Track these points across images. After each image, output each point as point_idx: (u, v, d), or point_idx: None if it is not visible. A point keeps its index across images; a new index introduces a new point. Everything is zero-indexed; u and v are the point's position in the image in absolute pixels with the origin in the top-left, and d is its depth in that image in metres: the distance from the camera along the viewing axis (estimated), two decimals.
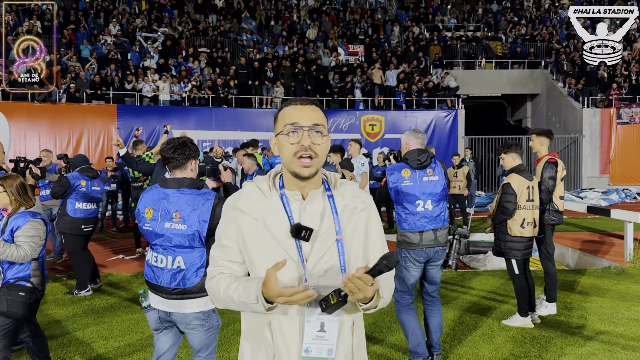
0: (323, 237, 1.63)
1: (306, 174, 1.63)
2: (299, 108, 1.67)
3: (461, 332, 5.13)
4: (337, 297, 1.51)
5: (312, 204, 1.67)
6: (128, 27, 21.36)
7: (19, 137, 16.55)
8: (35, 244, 3.65)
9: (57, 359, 4.51)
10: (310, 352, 1.59)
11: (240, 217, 1.69)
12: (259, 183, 1.73)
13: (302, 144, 1.61)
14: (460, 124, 19.95)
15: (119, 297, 6.49)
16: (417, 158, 4.15)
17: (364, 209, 1.73)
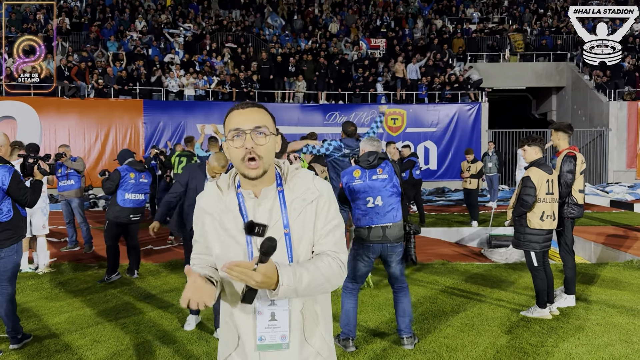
0: (273, 231, 1.69)
1: (253, 175, 1.71)
2: (240, 112, 1.74)
3: (480, 323, 5.23)
4: (245, 287, 1.59)
5: (265, 201, 1.76)
6: (153, 23, 21.73)
7: (49, 132, 17.04)
8: None
9: (94, 343, 4.77)
10: (264, 340, 1.72)
11: (202, 215, 1.83)
12: (220, 182, 1.84)
13: (245, 146, 1.69)
14: (484, 117, 19.83)
15: (149, 286, 6.76)
16: (366, 159, 4.59)
17: (313, 200, 1.78)
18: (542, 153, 5.34)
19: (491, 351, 4.51)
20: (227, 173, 1.87)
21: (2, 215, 4.39)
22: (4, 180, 4.36)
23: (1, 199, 4.38)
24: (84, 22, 21.23)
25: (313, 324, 1.81)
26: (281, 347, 1.72)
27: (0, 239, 4.38)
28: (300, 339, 1.77)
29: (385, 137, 18.49)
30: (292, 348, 1.75)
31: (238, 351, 1.78)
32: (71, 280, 7.06)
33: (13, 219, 4.47)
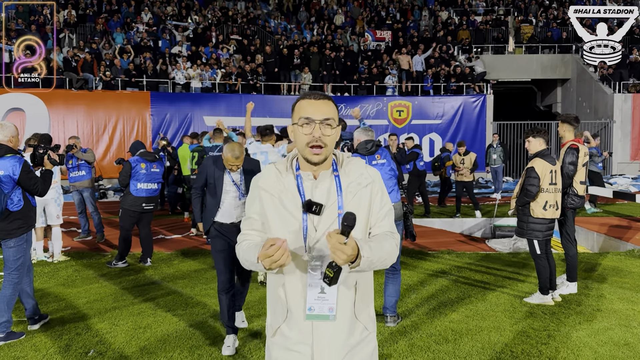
0: (329, 211, 1.88)
1: (316, 161, 1.89)
2: (312, 103, 1.90)
3: (484, 309, 5.40)
4: (331, 269, 1.72)
5: (322, 183, 1.92)
6: (159, 15, 21.84)
7: (57, 124, 17.23)
8: None
9: (113, 326, 4.96)
10: (313, 311, 1.84)
11: (261, 193, 1.96)
12: (278, 165, 2.00)
13: (313, 134, 1.86)
14: (489, 109, 19.90)
15: (162, 273, 6.95)
16: (365, 147, 4.96)
17: (368, 184, 1.95)
18: (546, 144, 5.48)
19: (495, 335, 4.68)
20: (284, 157, 2.03)
21: (13, 204, 4.53)
22: (14, 171, 4.48)
23: (12, 189, 4.51)
24: (89, 14, 21.36)
25: (362, 300, 1.96)
26: (328, 318, 1.85)
27: (11, 228, 4.52)
28: (351, 313, 1.91)
29: (390, 129, 18.62)
30: (343, 321, 1.89)
31: (288, 322, 1.92)
32: (86, 268, 7.26)
33: (24, 209, 4.60)
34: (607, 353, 4.28)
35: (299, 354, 1.90)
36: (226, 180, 4.44)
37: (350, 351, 1.92)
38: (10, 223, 4.51)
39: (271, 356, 1.99)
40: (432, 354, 4.28)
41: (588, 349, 4.37)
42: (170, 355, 4.29)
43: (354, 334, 1.93)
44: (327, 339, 1.88)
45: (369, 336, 2.00)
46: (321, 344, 1.88)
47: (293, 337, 1.91)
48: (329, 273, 1.73)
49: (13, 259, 4.60)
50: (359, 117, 6.31)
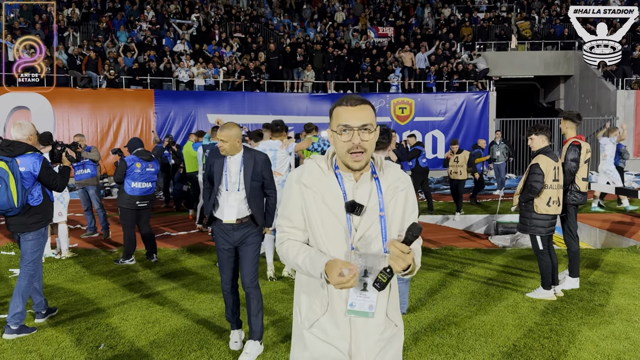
0: (370, 213, 1.94)
1: (357, 167, 1.93)
2: (349, 109, 1.93)
3: (487, 304, 5.48)
4: (385, 275, 1.80)
5: (363, 185, 1.98)
6: (162, 13, 21.92)
7: (62, 122, 17.33)
8: None
9: (122, 321, 5.05)
10: (354, 307, 1.91)
11: (303, 190, 2.00)
12: (319, 161, 2.03)
13: (352, 142, 1.90)
14: (492, 106, 19.94)
15: (169, 269, 7.04)
16: None
17: (404, 189, 2.03)
18: (548, 141, 5.55)
19: (498, 329, 4.76)
20: (324, 154, 2.07)
21: (33, 199, 4.71)
22: (35, 167, 4.67)
23: (32, 185, 4.70)
24: (93, 13, 21.43)
25: (394, 298, 2.07)
26: (368, 315, 1.92)
27: (30, 222, 4.70)
28: (384, 310, 2.01)
29: (393, 127, 18.67)
30: (378, 317, 1.98)
31: (327, 316, 1.98)
32: (93, 264, 7.36)
33: (43, 204, 4.79)
34: (609, 347, 4.35)
35: (337, 349, 1.97)
36: (223, 170, 4.21)
37: (384, 347, 2.01)
38: (30, 217, 4.71)
39: (307, 346, 2.03)
40: (436, 347, 4.36)
41: (590, 342, 4.44)
42: (179, 349, 4.38)
43: (387, 330, 2.02)
44: (364, 335, 1.96)
45: (399, 332, 2.10)
46: (358, 340, 1.96)
47: (332, 331, 1.97)
48: (382, 278, 1.80)
49: (30, 252, 4.79)
50: None
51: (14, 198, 4.54)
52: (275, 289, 6.06)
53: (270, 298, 5.67)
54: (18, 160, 4.62)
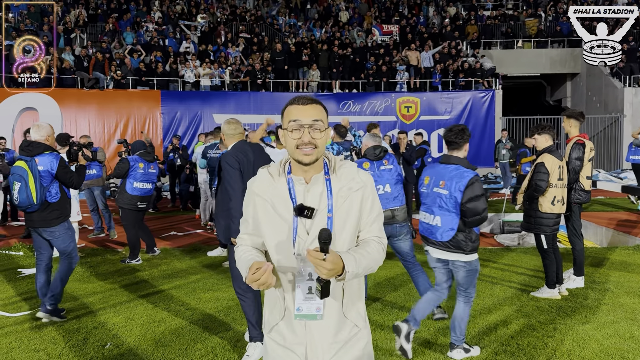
0: (321, 215, 1.93)
1: (307, 161, 1.91)
2: (299, 107, 1.94)
3: (491, 303, 5.49)
4: (319, 283, 1.79)
5: (315, 187, 1.96)
6: (169, 13, 22.01)
7: (69, 123, 17.45)
8: None
9: (128, 320, 5.10)
10: (301, 311, 1.92)
11: (254, 198, 2.02)
12: (271, 169, 2.04)
13: (302, 139, 1.90)
14: (498, 104, 19.87)
15: (174, 268, 7.09)
16: (373, 152, 5.14)
17: (359, 189, 1.99)
18: (552, 140, 5.54)
19: (502, 328, 4.77)
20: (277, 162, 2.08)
21: (51, 196, 5.00)
22: (52, 166, 4.96)
23: (50, 183, 4.98)
24: (100, 14, 21.56)
25: (350, 299, 2.02)
26: (316, 317, 1.92)
27: (51, 218, 5.00)
28: (339, 312, 1.98)
29: (398, 125, 18.68)
30: (331, 319, 1.97)
31: (285, 320, 2.00)
32: (100, 264, 7.42)
33: (61, 200, 5.07)
34: (613, 346, 4.35)
35: (294, 353, 1.99)
36: None
37: (341, 348, 2.00)
38: (50, 213, 5.00)
39: (267, 352, 2.08)
40: (439, 346, 4.38)
41: (594, 341, 4.44)
42: (184, 347, 4.42)
43: (342, 331, 2.00)
44: (318, 338, 1.96)
45: (360, 332, 2.06)
46: (313, 343, 1.97)
47: (289, 336, 1.99)
48: (317, 287, 1.80)
49: (64, 246, 5.15)
50: (347, 125, 6.61)
51: (33, 195, 4.83)
52: None
53: None
54: (37, 160, 4.91)
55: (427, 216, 4.11)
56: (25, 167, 4.85)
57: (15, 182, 4.88)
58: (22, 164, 4.87)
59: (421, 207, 4.21)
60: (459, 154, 4.03)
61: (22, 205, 4.87)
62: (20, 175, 4.83)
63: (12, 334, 4.76)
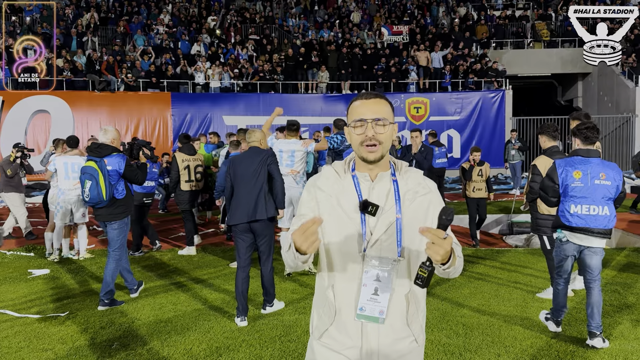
0: (386, 215, 1.86)
1: (372, 158, 1.87)
2: (364, 103, 1.91)
3: (496, 304, 5.48)
4: (425, 268, 1.68)
5: (380, 184, 1.91)
6: (179, 16, 22.17)
7: (81, 125, 17.64)
8: None
9: (135, 320, 5.17)
10: (364, 311, 1.84)
11: (318, 193, 1.96)
12: (336, 166, 2.01)
13: (366, 134, 1.86)
14: (508, 105, 19.75)
15: (182, 268, 7.16)
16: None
17: (425, 194, 1.93)
18: (552, 142, 5.51)
19: (505, 329, 4.77)
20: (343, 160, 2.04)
21: (118, 193, 5.57)
22: (120, 166, 5.54)
23: (117, 181, 5.56)
24: (111, 17, 21.78)
25: (415, 310, 1.93)
26: (378, 320, 1.84)
27: (117, 212, 5.57)
28: (402, 321, 1.89)
29: (408, 126, 18.63)
30: (393, 325, 1.87)
31: (336, 325, 1.90)
32: None
33: (126, 197, 5.66)
34: (617, 347, 4.34)
35: (347, 358, 1.89)
36: None
37: (399, 359, 1.90)
38: (116, 208, 5.56)
39: (315, 356, 1.97)
40: (443, 347, 4.39)
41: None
42: (189, 347, 4.47)
43: (401, 342, 1.90)
44: (375, 343, 1.87)
45: (417, 349, 1.96)
46: (369, 348, 1.87)
47: (342, 340, 1.90)
48: (422, 273, 1.69)
49: (117, 239, 5.62)
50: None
51: (103, 192, 5.39)
52: (286, 287, 6.14)
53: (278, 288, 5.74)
54: (105, 160, 5.47)
55: (592, 208, 4.27)
56: (95, 167, 5.39)
57: (86, 180, 5.40)
58: (92, 164, 5.41)
59: (573, 200, 4.32)
60: (594, 147, 4.38)
61: (93, 201, 5.41)
62: (91, 174, 5.37)
63: (21, 334, 4.85)
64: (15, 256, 8.09)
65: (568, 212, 4.37)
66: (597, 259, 4.37)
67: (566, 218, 4.38)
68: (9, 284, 6.57)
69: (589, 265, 4.40)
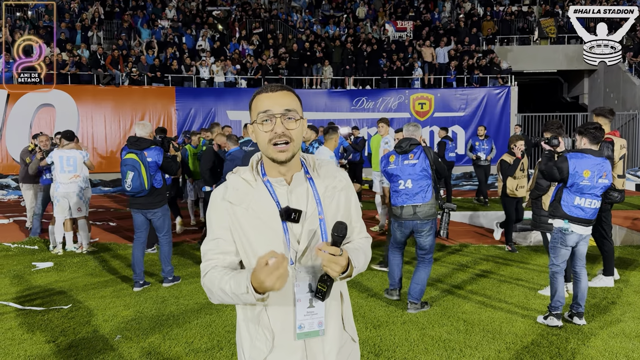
0: (310, 218, 1.71)
1: (282, 159, 1.67)
2: (269, 95, 1.69)
3: (497, 301, 5.48)
4: (324, 283, 1.63)
5: (298, 187, 1.73)
6: (184, 10, 22.15)
7: (86, 118, 17.69)
8: None
9: (137, 314, 5.20)
10: (303, 328, 1.69)
11: (230, 208, 1.73)
12: (243, 174, 1.77)
13: (275, 131, 1.65)
14: (513, 101, 19.68)
15: (183, 263, 7.19)
16: (400, 145, 5.13)
17: (343, 188, 1.81)
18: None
19: (506, 325, 4.77)
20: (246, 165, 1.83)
21: (157, 182, 6.01)
22: (159, 158, 6.01)
23: (156, 171, 5.99)
24: (117, 11, 21.78)
25: (347, 310, 1.86)
26: (318, 333, 1.71)
27: (156, 201, 6.02)
28: (339, 324, 1.79)
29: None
30: (333, 334, 1.76)
31: (276, 350, 1.72)
32: (112, 259, 7.55)
33: (163, 186, 6.13)
34: (618, 345, 4.33)
35: None
36: None
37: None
38: (156, 197, 6.01)
39: None
40: (443, 343, 4.39)
41: (599, 340, 4.43)
42: (191, 341, 4.50)
43: (344, 346, 1.82)
44: (322, 356, 1.74)
45: (355, 347, 1.90)
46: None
47: (286, 355, 1.72)
48: (322, 287, 1.64)
49: (163, 225, 6.12)
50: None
51: (145, 182, 5.78)
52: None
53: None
54: (145, 153, 5.87)
55: (593, 202, 4.55)
56: (137, 159, 5.77)
57: (128, 172, 5.75)
58: (133, 157, 5.78)
59: (578, 194, 4.54)
60: (598, 147, 4.58)
61: (135, 191, 5.78)
62: (133, 166, 5.75)
63: (24, 326, 4.89)
64: (19, 249, 8.14)
65: (572, 204, 4.57)
66: (585, 246, 4.76)
67: (569, 208, 4.58)
68: (13, 277, 6.61)
69: (582, 253, 4.74)
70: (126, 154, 5.89)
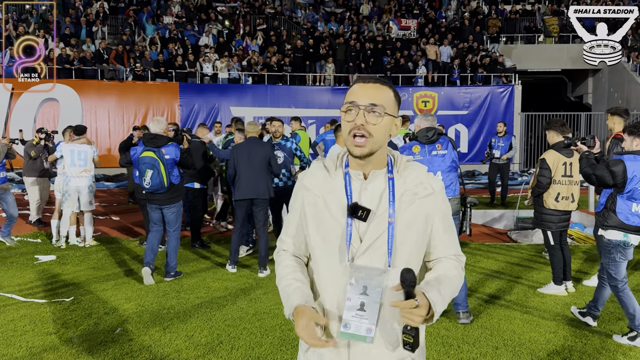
0: (379, 220, 1.62)
1: (357, 154, 1.61)
2: (361, 86, 1.65)
3: (496, 298, 5.50)
4: (409, 334, 1.54)
5: (373, 184, 1.66)
6: (188, 6, 22.17)
7: (89, 113, 17.76)
8: None
9: (138, 307, 5.24)
10: (348, 328, 1.59)
11: (304, 193, 1.73)
12: (327, 162, 1.75)
13: (355, 122, 1.60)
14: (517, 100, 19.65)
15: (185, 258, 7.22)
16: (425, 134, 4.69)
17: (427, 196, 1.67)
18: (559, 136, 5.49)
19: (505, 322, 4.79)
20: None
21: (174, 178, 6.05)
22: (176, 154, 6.04)
23: (173, 167, 6.02)
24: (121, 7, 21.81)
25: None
26: (365, 339, 1.59)
27: (174, 195, 6.06)
28: (396, 338, 1.64)
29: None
30: (385, 346, 1.64)
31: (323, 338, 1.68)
32: (115, 252, 7.60)
33: (180, 182, 6.19)
34: (615, 342, 4.35)
35: None
36: None
37: None
38: (173, 193, 6.05)
39: None
40: (441, 339, 4.42)
41: (597, 338, 4.45)
42: (191, 334, 4.53)
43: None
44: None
45: None
46: None
47: (329, 356, 1.67)
48: (408, 339, 1.54)
49: (175, 220, 6.15)
50: None
51: (164, 179, 5.82)
52: None
53: None
54: (163, 150, 5.87)
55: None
56: (155, 156, 5.79)
57: (147, 170, 5.79)
58: (151, 154, 5.80)
59: (635, 200, 4.21)
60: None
61: (154, 188, 5.84)
62: (151, 164, 5.78)
63: (26, 318, 4.93)
64: (22, 242, 8.19)
65: (629, 211, 4.24)
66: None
67: (626, 216, 4.25)
68: (16, 269, 6.66)
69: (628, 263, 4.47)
70: (143, 152, 5.87)
